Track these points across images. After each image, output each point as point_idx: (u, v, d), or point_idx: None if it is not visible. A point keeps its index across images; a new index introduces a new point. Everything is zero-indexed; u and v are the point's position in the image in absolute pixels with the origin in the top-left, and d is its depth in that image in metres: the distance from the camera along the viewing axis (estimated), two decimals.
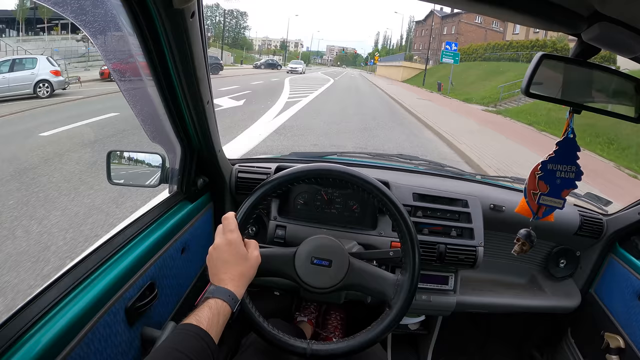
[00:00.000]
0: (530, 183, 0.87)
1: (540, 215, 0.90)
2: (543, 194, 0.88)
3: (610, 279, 1.47)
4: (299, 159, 1.61)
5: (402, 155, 1.74)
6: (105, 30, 0.79)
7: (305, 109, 11.17)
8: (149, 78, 0.89)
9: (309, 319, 1.51)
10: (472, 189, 1.50)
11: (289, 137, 7.22)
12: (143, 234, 0.99)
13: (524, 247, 0.93)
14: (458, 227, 1.38)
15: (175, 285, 1.10)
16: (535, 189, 0.87)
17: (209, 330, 0.72)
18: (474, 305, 1.49)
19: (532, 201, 0.88)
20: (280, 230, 1.30)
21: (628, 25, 0.62)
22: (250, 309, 0.93)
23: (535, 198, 0.88)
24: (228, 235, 0.87)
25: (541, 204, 0.88)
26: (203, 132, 1.07)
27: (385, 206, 0.94)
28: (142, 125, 0.98)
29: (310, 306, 1.60)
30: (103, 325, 0.79)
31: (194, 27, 0.79)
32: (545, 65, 0.76)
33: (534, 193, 0.88)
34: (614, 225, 1.49)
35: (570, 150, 0.86)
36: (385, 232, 1.32)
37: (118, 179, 1.16)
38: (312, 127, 8.45)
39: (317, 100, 13.90)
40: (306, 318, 1.51)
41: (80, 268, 0.81)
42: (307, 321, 1.50)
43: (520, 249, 0.93)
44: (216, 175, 1.29)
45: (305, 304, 1.61)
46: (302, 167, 0.96)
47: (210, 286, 0.83)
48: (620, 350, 1.32)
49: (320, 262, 0.96)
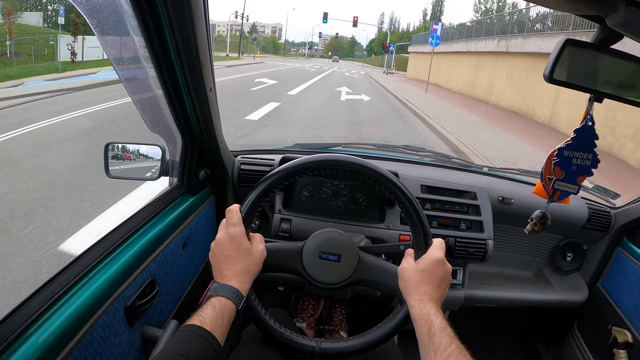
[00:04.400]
0: (546, 168, 0.86)
1: (555, 199, 0.89)
2: (558, 179, 0.86)
3: (618, 273, 1.45)
4: (303, 150, 1.59)
5: (409, 147, 1.72)
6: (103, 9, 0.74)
7: None
8: (149, 65, 0.85)
9: (307, 323, 1.49)
10: (480, 181, 1.48)
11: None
12: (143, 229, 0.95)
13: (535, 228, 0.92)
14: (467, 220, 1.36)
15: (176, 282, 1.07)
16: (551, 174, 0.86)
17: (214, 331, 0.69)
18: (482, 300, 1.47)
19: (547, 185, 0.87)
20: (285, 223, 1.27)
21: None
22: (256, 306, 0.89)
23: (551, 183, 0.87)
24: (230, 229, 0.83)
25: (556, 189, 0.87)
26: (205, 122, 1.03)
27: (397, 198, 0.91)
28: (141, 114, 0.95)
29: (308, 307, 1.57)
30: (102, 325, 0.75)
31: (197, 5, 0.75)
32: (569, 51, 0.74)
33: (549, 178, 0.86)
34: (622, 218, 1.47)
35: (588, 138, 0.84)
36: (393, 225, 1.30)
37: (116, 172, 1.12)
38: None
39: None
40: (305, 323, 1.48)
41: (76, 266, 0.78)
42: (306, 326, 1.47)
43: (532, 228, 0.92)
44: (218, 167, 1.26)
45: (303, 305, 1.58)
46: (311, 157, 0.92)
47: (214, 284, 0.79)
48: (628, 344, 1.31)
49: (328, 256, 0.92)
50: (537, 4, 0.78)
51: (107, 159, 1.10)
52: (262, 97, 11.03)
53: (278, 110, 9.19)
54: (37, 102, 8.31)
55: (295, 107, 10.24)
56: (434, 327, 0.71)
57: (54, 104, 8.38)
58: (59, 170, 4.32)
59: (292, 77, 20.01)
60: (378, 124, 9.28)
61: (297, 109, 9.94)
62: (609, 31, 0.71)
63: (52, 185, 3.76)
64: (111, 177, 1.12)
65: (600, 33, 0.74)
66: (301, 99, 11.96)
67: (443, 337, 0.69)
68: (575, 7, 0.68)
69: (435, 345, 0.69)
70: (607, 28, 0.70)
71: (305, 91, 14.39)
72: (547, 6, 0.76)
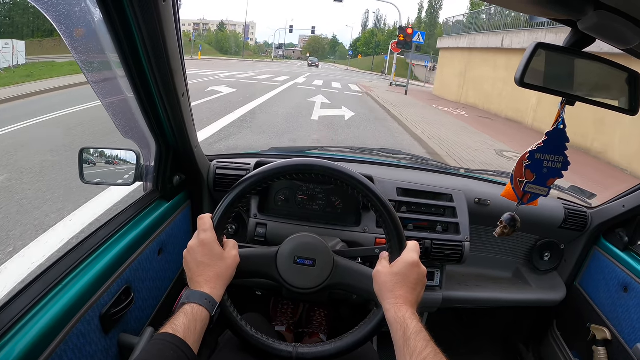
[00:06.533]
0: (517, 170, 0.86)
1: (525, 201, 0.89)
2: (529, 182, 0.87)
3: (595, 272, 1.48)
4: (279, 154, 1.58)
5: (385, 150, 1.73)
6: (72, 15, 0.73)
7: None
8: (119, 69, 0.83)
9: (287, 327, 1.48)
10: (457, 183, 1.49)
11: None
12: (117, 235, 0.94)
13: (505, 231, 0.93)
14: (443, 222, 1.36)
15: (152, 289, 1.06)
16: (522, 177, 0.87)
17: (186, 338, 0.69)
18: (460, 300, 1.48)
19: (517, 188, 0.88)
20: (260, 228, 1.26)
21: (626, 15, 0.60)
22: (232, 312, 0.88)
23: (521, 186, 0.88)
24: (202, 236, 0.83)
25: (526, 192, 0.88)
26: (178, 127, 1.02)
27: (370, 201, 0.90)
28: (113, 120, 0.93)
29: (287, 311, 1.56)
30: (77, 334, 0.74)
31: (166, 12, 0.74)
32: (540, 54, 0.74)
33: (520, 181, 0.87)
34: (598, 218, 1.49)
35: (559, 140, 0.85)
36: (369, 229, 1.29)
37: (91, 177, 1.11)
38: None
39: None
40: (284, 327, 1.47)
41: (49, 274, 0.76)
42: (285, 330, 1.46)
43: (502, 231, 0.93)
44: (193, 173, 1.25)
45: (282, 308, 1.57)
46: (282, 162, 0.91)
47: (186, 290, 0.79)
48: (606, 341, 1.33)
49: (303, 261, 0.92)
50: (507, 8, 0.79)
51: (82, 164, 1.09)
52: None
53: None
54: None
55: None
56: (409, 331, 0.71)
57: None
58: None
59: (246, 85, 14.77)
60: None
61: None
62: (581, 35, 0.72)
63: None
64: (86, 183, 1.10)
65: (572, 37, 0.74)
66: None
67: (418, 341, 0.70)
68: (546, 12, 0.68)
69: (410, 349, 0.69)
70: (579, 32, 0.70)
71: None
72: (518, 10, 0.76)
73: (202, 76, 16.27)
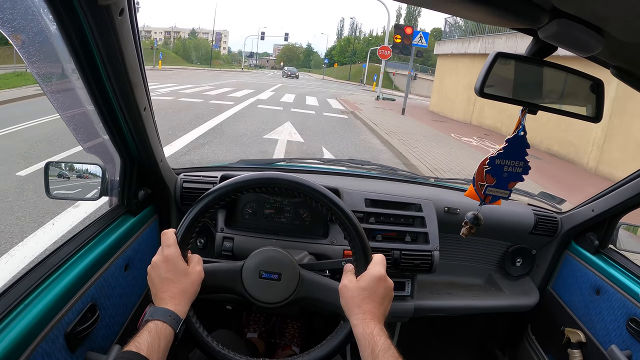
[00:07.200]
0: (478, 175, 0.88)
1: (487, 202, 0.91)
2: (489, 186, 0.88)
3: (567, 276, 1.50)
4: (247, 166, 1.58)
5: (354, 160, 1.73)
6: (27, 28, 0.72)
7: None
8: (78, 82, 0.82)
9: (259, 334, 1.46)
10: (426, 192, 1.50)
11: None
12: (81, 251, 0.92)
13: (471, 230, 0.94)
14: (412, 232, 1.36)
15: (119, 305, 1.04)
16: (482, 180, 0.88)
17: (150, 356, 0.68)
18: (433, 309, 1.48)
19: (479, 190, 0.89)
20: (227, 242, 1.24)
21: (586, 22, 0.61)
22: (197, 328, 0.86)
23: (482, 189, 0.89)
24: (165, 251, 0.82)
25: (487, 194, 0.89)
26: (141, 141, 1.01)
27: (334, 214, 0.90)
28: (74, 134, 0.91)
29: (260, 318, 1.54)
30: (41, 353, 0.72)
31: (123, 25, 0.73)
32: (500, 64, 0.74)
33: (481, 184, 0.88)
34: (568, 222, 1.52)
35: (519, 147, 0.86)
36: (337, 241, 1.29)
37: (57, 192, 1.08)
38: None
39: None
40: (256, 334, 1.45)
41: (11, 293, 0.74)
42: (257, 337, 1.44)
43: (468, 232, 0.94)
44: (159, 186, 1.23)
45: (255, 316, 1.55)
46: (245, 176, 0.91)
47: (150, 307, 0.78)
48: (581, 344, 1.34)
49: (269, 275, 0.91)
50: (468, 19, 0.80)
51: (48, 178, 1.06)
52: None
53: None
54: None
55: None
56: (377, 348, 0.71)
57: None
58: None
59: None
60: None
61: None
62: (542, 44, 0.72)
63: None
64: (52, 198, 1.08)
65: (533, 46, 0.75)
66: None
67: (387, 359, 0.69)
68: (505, 22, 0.69)
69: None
70: (540, 41, 0.70)
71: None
72: (478, 21, 0.77)
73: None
